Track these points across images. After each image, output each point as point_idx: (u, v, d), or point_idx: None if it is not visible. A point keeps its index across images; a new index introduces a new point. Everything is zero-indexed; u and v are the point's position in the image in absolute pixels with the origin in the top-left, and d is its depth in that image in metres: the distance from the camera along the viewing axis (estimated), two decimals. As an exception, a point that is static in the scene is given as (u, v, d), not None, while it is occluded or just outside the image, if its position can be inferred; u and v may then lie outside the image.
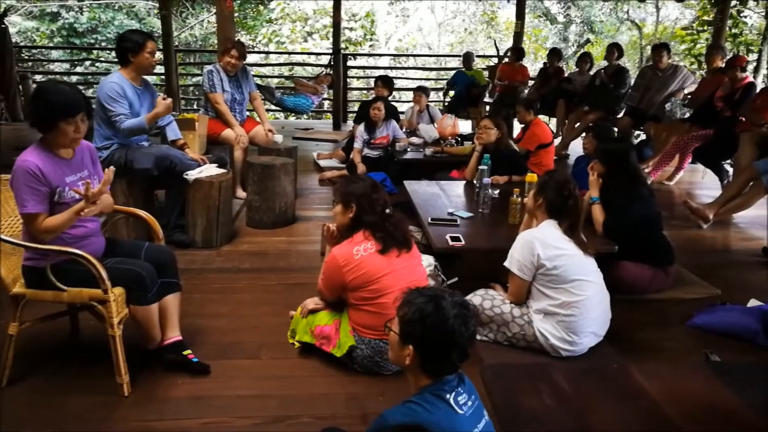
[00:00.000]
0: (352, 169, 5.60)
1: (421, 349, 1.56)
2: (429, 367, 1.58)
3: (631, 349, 2.96)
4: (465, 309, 1.58)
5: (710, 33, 8.62)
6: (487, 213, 3.71)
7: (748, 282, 3.88)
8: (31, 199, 2.32)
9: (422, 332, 1.55)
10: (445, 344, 1.55)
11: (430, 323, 1.54)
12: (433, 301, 1.57)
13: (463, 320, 1.56)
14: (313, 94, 7.71)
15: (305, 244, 4.30)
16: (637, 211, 3.39)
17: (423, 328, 1.54)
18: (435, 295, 1.60)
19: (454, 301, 1.58)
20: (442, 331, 1.54)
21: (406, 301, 1.60)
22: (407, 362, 1.57)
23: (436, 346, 1.55)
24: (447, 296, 1.59)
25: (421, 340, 1.55)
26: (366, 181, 2.74)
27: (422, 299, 1.58)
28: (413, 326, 1.55)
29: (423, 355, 1.56)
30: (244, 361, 2.79)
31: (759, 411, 1.87)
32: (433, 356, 1.56)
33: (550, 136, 5.18)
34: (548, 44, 15.58)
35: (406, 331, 1.57)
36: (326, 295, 2.76)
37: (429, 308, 1.55)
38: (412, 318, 1.56)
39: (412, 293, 1.62)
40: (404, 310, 1.59)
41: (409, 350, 1.56)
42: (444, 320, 1.54)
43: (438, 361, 1.57)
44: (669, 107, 6.42)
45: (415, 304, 1.57)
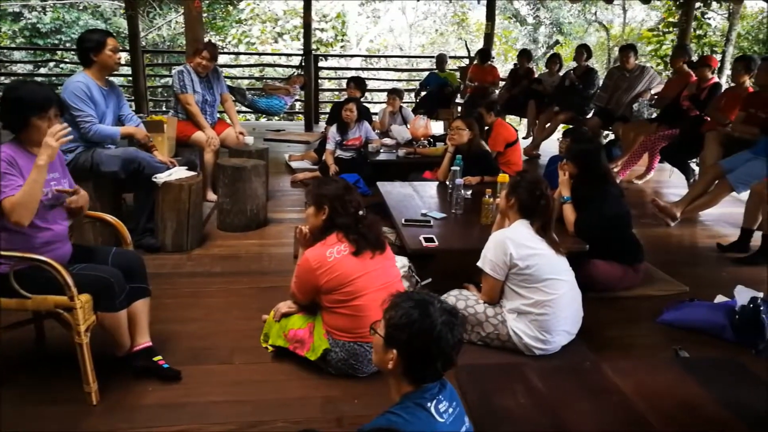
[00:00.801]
0: (324, 170, 5.57)
1: (406, 355, 1.53)
2: (412, 373, 1.55)
3: (603, 347, 3.00)
4: (453, 316, 1.55)
5: (675, 34, 8.80)
6: (460, 213, 3.72)
7: (714, 278, 3.96)
8: (7, 186, 2.27)
9: (408, 338, 1.52)
10: (430, 351, 1.52)
11: (417, 329, 1.51)
12: (420, 306, 1.54)
13: (450, 327, 1.53)
14: (285, 95, 7.67)
15: (277, 246, 4.26)
16: (608, 210, 3.45)
17: (409, 333, 1.51)
18: (423, 300, 1.57)
19: (442, 308, 1.55)
20: (428, 338, 1.51)
21: (393, 305, 1.57)
22: (390, 366, 1.55)
23: (421, 352, 1.52)
24: (435, 302, 1.57)
25: (406, 345, 1.52)
26: (339, 183, 2.72)
27: (410, 303, 1.55)
28: (399, 331, 1.53)
29: (407, 360, 1.53)
30: (216, 367, 2.74)
31: (726, 405, 1.91)
32: (417, 362, 1.54)
33: (515, 134, 5.25)
34: (518, 45, 15.76)
35: (391, 335, 1.54)
36: (299, 299, 2.73)
37: (416, 314, 1.52)
38: (398, 322, 1.53)
39: (401, 296, 1.59)
40: (391, 313, 1.56)
41: (392, 354, 1.53)
42: (431, 327, 1.51)
43: (422, 367, 1.54)
44: (636, 107, 6.54)
45: (402, 308, 1.54)
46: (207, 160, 5.00)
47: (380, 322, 1.59)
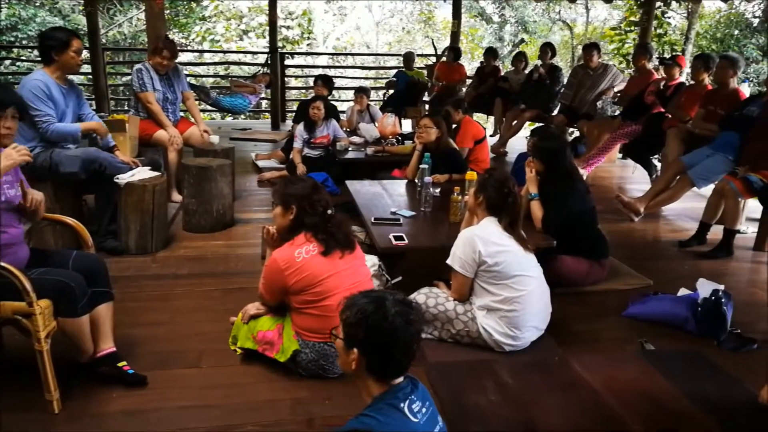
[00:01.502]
0: (292, 169, 5.53)
1: (365, 351, 1.52)
2: (375, 369, 1.55)
3: (571, 341, 3.03)
4: (407, 306, 1.56)
5: (637, 33, 8.98)
6: (429, 212, 3.73)
7: (677, 272, 4.05)
8: None
9: (365, 333, 1.52)
10: (387, 343, 1.52)
11: (371, 323, 1.51)
12: (374, 301, 1.54)
13: (404, 318, 1.53)
14: (251, 93, 7.59)
15: (245, 247, 4.21)
16: (574, 206, 3.49)
17: (365, 328, 1.51)
18: (378, 296, 1.57)
19: (395, 300, 1.56)
20: (383, 330, 1.51)
21: (348, 305, 1.57)
22: (353, 367, 1.54)
23: (379, 346, 1.52)
24: (389, 296, 1.57)
25: (364, 341, 1.52)
26: (306, 182, 2.69)
27: (364, 300, 1.55)
28: (356, 329, 1.53)
29: (368, 357, 1.53)
30: (183, 371, 2.69)
31: (689, 396, 1.95)
32: (377, 357, 1.54)
33: (482, 131, 5.30)
34: (484, 44, 15.88)
35: (349, 334, 1.54)
36: (268, 300, 2.70)
37: (370, 308, 1.53)
38: (354, 320, 1.53)
39: (355, 296, 1.59)
40: (346, 313, 1.56)
41: (354, 354, 1.53)
42: (384, 318, 1.51)
43: (383, 362, 1.54)
44: (600, 105, 6.65)
45: (357, 305, 1.55)
46: (171, 159, 4.91)
47: (339, 326, 1.59)
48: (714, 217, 4.51)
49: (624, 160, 7.17)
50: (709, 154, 4.61)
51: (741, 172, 4.22)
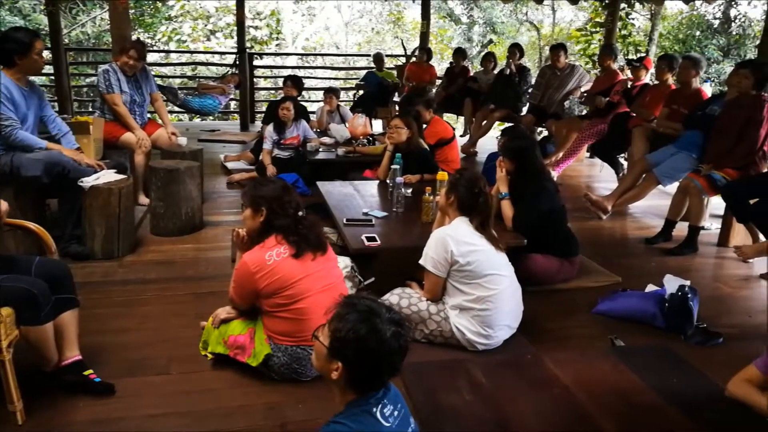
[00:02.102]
0: (261, 170, 5.47)
1: (353, 369, 1.49)
2: (358, 384, 1.52)
3: (543, 339, 3.06)
4: (400, 327, 1.52)
5: (602, 34, 9.12)
6: (401, 212, 3.73)
7: (645, 268, 4.12)
8: None
9: (356, 354, 1.47)
10: (380, 366, 1.49)
11: (366, 347, 1.47)
12: (367, 321, 1.49)
13: (397, 338, 1.50)
14: (220, 94, 7.50)
15: (215, 250, 4.15)
16: (544, 205, 3.53)
17: (357, 349, 1.47)
18: (369, 310, 1.51)
19: (389, 318, 1.51)
20: (378, 355, 1.48)
21: (338, 316, 1.51)
22: (334, 377, 1.50)
23: (370, 366, 1.49)
24: (382, 312, 1.52)
25: (355, 361, 1.48)
26: (276, 183, 2.66)
27: (356, 316, 1.49)
28: (346, 346, 1.47)
29: (353, 374, 1.50)
30: (153, 378, 2.63)
31: (658, 391, 1.98)
32: (364, 376, 1.51)
33: (451, 132, 5.33)
34: (453, 44, 15.98)
35: (337, 348, 1.49)
36: (238, 303, 2.66)
37: (363, 330, 1.47)
38: (345, 337, 1.47)
39: (345, 306, 1.53)
40: (337, 325, 1.50)
41: (338, 366, 1.49)
42: (380, 343, 1.47)
43: (369, 380, 1.52)
44: (568, 105, 6.74)
45: (349, 321, 1.48)
46: (138, 162, 4.81)
47: (323, 329, 1.55)
48: (679, 214, 4.61)
49: (592, 159, 7.28)
50: (673, 152, 4.71)
51: (704, 170, 4.32)
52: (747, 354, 2.25)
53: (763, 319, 3.46)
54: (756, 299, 3.78)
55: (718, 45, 11.40)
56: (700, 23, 11.99)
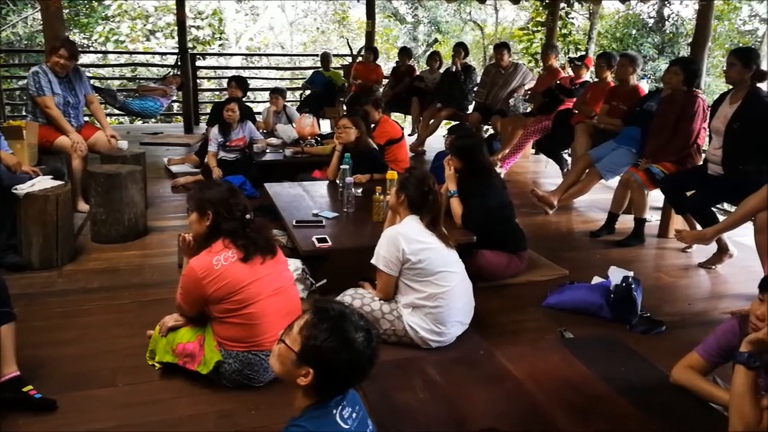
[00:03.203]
0: (207, 173, 5.36)
1: (324, 376, 1.46)
2: (326, 390, 1.49)
3: (495, 333, 3.10)
4: (369, 333, 1.50)
5: (543, 33, 9.33)
6: (351, 212, 3.71)
7: (590, 261, 4.23)
8: None
9: (330, 363, 1.44)
10: (351, 373, 1.48)
11: (342, 357, 1.44)
12: (341, 330, 1.45)
13: (369, 345, 1.48)
14: (162, 96, 7.31)
15: (160, 256, 4.03)
16: (492, 202, 3.58)
17: (331, 359, 1.44)
18: (342, 317, 1.48)
19: (360, 325, 1.49)
20: (352, 365, 1.46)
21: (311, 323, 1.47)
22: (302, 382, 1.46)
23: (342, 374, 1.47)
24: (355, 320, 1.49)
25: (326, 369, 1.45)
26: (222, 186, 2.60)
27: (329, 324, 1.46)
28: (319, 354, 1.44)
29: (323, 380, 1.46)
30: (98, 391, 2.53)
31: (607, 380, 2.03)
32: (334, 383, 1.48)
33: (400, 131, 5.35)
34: (399, 43, 16.06)
35: (310, 356, 1.45)
36: (186, 311, 2.58)
37: (337, 341, 1.44)
38: (321, 346, 1.44)
39: (318, 313, 1.49)
40: (310, 332, 1.46)
41: (307, 371, 1.45)
42: (355, 353, 1.45)
43: (339, 388, 1.50)
44: (513, 102, 6.87)
45: (322, 330, 1.45)
46: (75, 167, 4.63)
47: (289, 332, 1.51)
48: (621, 207, 4.76)
49: (537, 156, 7.44)
50: (614, 147, 4.86)
51: (643, 164, 4.47)
52: (689, 341, 2.33)
53: (703, 307, 3.61)
54: (695, 287, 3.94)
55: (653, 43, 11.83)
56: (636, 22, 12.41)
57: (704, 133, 4.42)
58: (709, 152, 4.14)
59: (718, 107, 4.03)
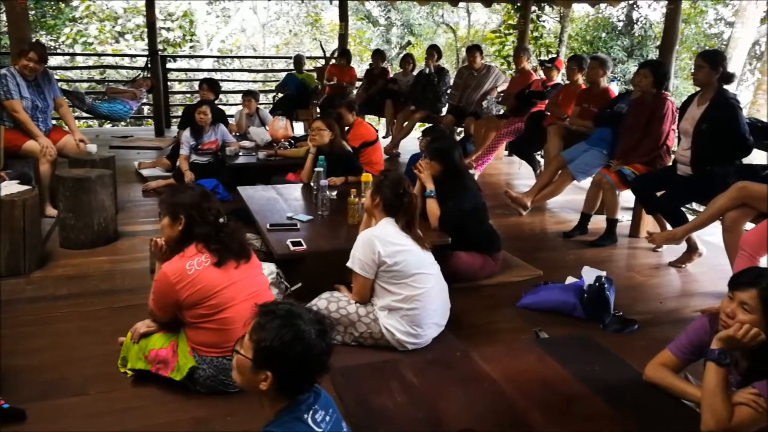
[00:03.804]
0: (178, 177, 5.29)
1: (280, 374, 1.46)
2: (289, 389, 1.50)
3: (471, 335, 3.11)
4: (322, 325, 1.52)
5: (515, 36, 9.43)
6: (326, 215, 3.70)
7: (564, 261, 4.28)
8: None
9: (284, 360, 1.45)
10: (305, 366, 1.48)
11: (293, 351, 1.45)
12: (290, 325, 1.46)
13: (322, 337, 1.50)
14: (131, 99, 7.20)
15: (132, 262, 3.96)
16: (467, 204, 3.60)
17: (284, 355, 1.44)
18: (290, 314, 1.49)
19: (310, 319, 1.50)
20: (306, 357, 1.46)
21: (259, 325, 1.48)
22: (263, 387, 1.47)
23: (299, 370, 1.47)
24: (303, 314, 1.51)
25: (283, 367, 1.46)
26: (195, 190, 2.56)
27: (278, 322, 1.47)
28: (273, 354, 1.44)
29: (283, 380, 1.47)
30: (69, 400, 2.47)
31: (582, 379, 2.05)
32: (293, 379, 1.49)
33: (374, 134, 5.36)
34: (372, 46, 16.06)
35: (263, 358, 1.46)
36: (159, 317, 2.54)
37: (288, 335, 1.45)
38: (270, 345, 1.44)
39: (265, 315, 1.50)
40: (260, 335, 1.47)
41: (266, 375, 1.45)
42: (308, 346, 1.46)
43: (298, 382, 1.50)
44: (486, 105, 6.92)
45: (271, 330, 1.46)
46: (43, 171, 4.53)
47: (241, 342, 1.51)
48: (593, 207, 4.83)
49: (510, 157, 7.50)
50: (585, 149, 4.93)
51: (614, 165, 4.54)
52: (661, 339, 2.37)
53: (674, 305, 3.68)
54: (666, 286, 4.02)
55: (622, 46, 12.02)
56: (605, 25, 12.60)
57: (673, 134, 4.50)
58: (678, 153, 4.23)
59: (686, 109, 4.12)
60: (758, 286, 1.77)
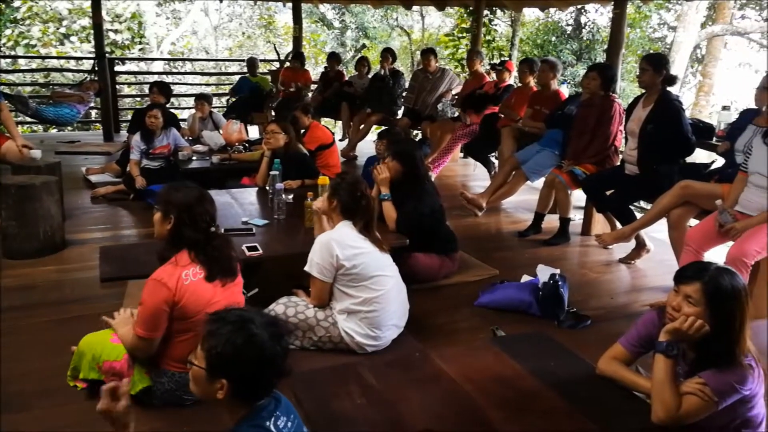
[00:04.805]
0: (129, 182, 5.16)
1: (235, 380, 1.44)
2: (246, 395, 1.47)
3: (430, 335, 3.13)
4: (275, 327, 1.50)
5: (468, 39, 9.56)
6: (283, 219, 3.66)
7: (519, 260, 4.35)
8: None
9: (238, 366, 1.43)
10: (260, 370, 1.46)
11: (246, 355, 1.43)
12: (242, 329, 1.44)
13: (277, 340, 1.48)
14: (78, 102, 6.99)
15: (81, 271, 3.82)
16: (426, 206, 3.62)
17: (238, 361, 1.42)
18: (241, 319, 1.47)
19: (263, 322, 1.48)
20: (259, 360, 1.44)
21: (210, 333, 1.46)
22: (220, 396, 1.44)
23: (251, 373, 1.45)
24: (255, 317, 1.49)
25: (238, 372, 1.44)
26: (192, 191, 2.38)
27: (228, 328, 1.44)
28: (226, 360, 1.42)
29: (239, 386, 1.45)
30: (14, 416, 2.38)
31: (538, 375, 2.09)
32: (247, 384, 1.46)
33: (330, 137, 5.34)
34: (327, 49, 16.02)
35: (216, 365, 1.43)
36: (154, 337, 2.30)
37: (240, 339, 1.43)
38: (223, 351, 1.42)
39: (215, 322, 1.48)
40: (211, 342, 1.44)
41: (221, 384, 1.43)
42: (260, 349, 1.44)
43: (253, 387, 1.48)
44: (441, 107, 6.98)
45: (222, 335, 1.43)
46: (-16, 179, 4.34)
47: (195, 354, 1.48)
48: (546, 207, 4.93)
49: (465, 159, 7.59)
50: (538, 150, 5.03)
51: (566, 165, 4.65)
52: (613, 333, 2.43)
53: (625, 300, 3.79)
54: (617, 282, 4.13)
55: (571, 49, 12.32)
56: (555, 29, 12.90)
57: (621, 135, 4.64)
58: (625, 153, 4.36)
59: (632, 110, 4.24)
60: (701, 279, 1.83)
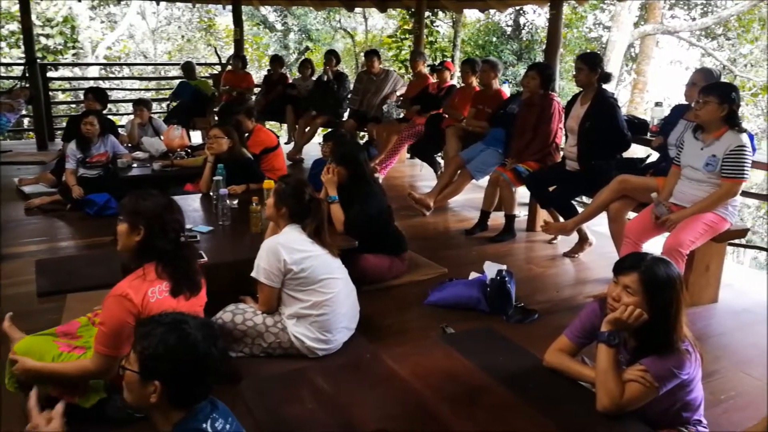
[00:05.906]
0: (65, 192, 4.96)
1: (171, 383, 1.41)
2: (180, 399, 1.45)
3: (381, 336, 3.14)
4: (210, 329, 1.49)
5: (411, 41, 9.64)
6: (228, 225, 3.60)
7: (467, 257, 4.41)
8: None
9: (171, 366, 1.40)
10: (194, 371, 1.43)
11: (180, 355, 1.41)
12: (175, 329, 1.43)
13: (212, 341, 1.46)
14: (9, 111, 6.70)
15: (15, 286, 3.65)
16: (374, 208, 3.62)
17: (171, 361, 1.40)
18: (175, 320, 1.46)
19: (197, 323, 1.47)
20: (193, 360, 1.42)
21: (142, 334, 1.43)
22: (154, 400, 1.41)
23: (186, 375, 1.42)
24: (189, 320, 1.47)
25: (171, 374, 1.41)
26: (159, 198, 2.27)
27: (161, 329, 1.42)
28: (158, 361, 1.40)
29: (173, 388, 1.42)
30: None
31: (487, 370, 2.12)
32: (185, 387, 1.44)
33: (275, 140, 5.30)
34: (270, 51, 15.85)
35: (149, 367, 1.41)
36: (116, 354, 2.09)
37: (172, 338, 1.41)
38: (155, 353, 1.40)
39: (148, 324, 1.46)
40: (143, 344, 1.42)
41: (154, 386, 1.40)
42: (194, 348, 1.42)
43: (189, 390, 1.45)
44: (386, 109, 7.01)
45: (155, 336, 1.41)
46: None
47: (127, 359, 1.45)
48: (492, 205, 5.01)
49: (412, 160, 7.65)
50: (482, 149, 5.11)
51: (509, 163, 4.74)
52: (559, 325, 2.49)
53: (569, 293, 3.89)
54: (562, 276, 4.24)
55: (512, 49, 12.59)
56: (495, 30, 13.15)
57: (561, 132, 4.77)
58: (566, 150, 4.48)
59: (571, 108, 4.37)
60: (638, 269, 1.90)
